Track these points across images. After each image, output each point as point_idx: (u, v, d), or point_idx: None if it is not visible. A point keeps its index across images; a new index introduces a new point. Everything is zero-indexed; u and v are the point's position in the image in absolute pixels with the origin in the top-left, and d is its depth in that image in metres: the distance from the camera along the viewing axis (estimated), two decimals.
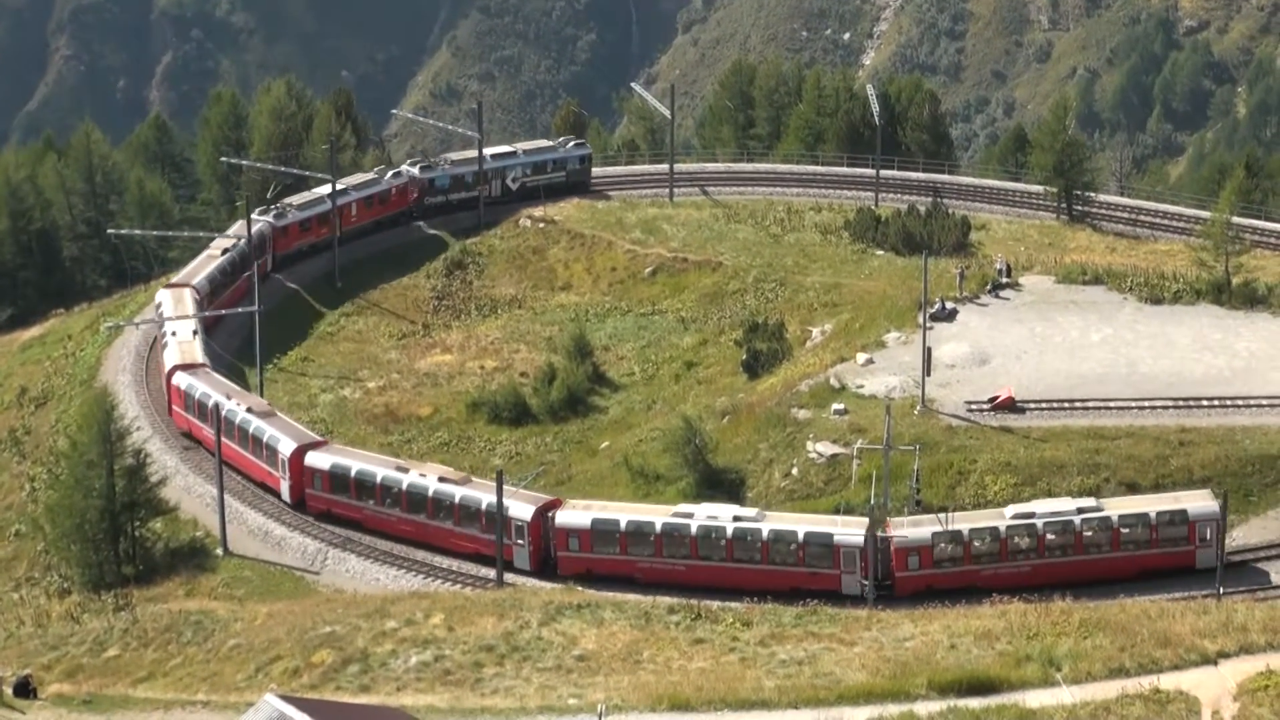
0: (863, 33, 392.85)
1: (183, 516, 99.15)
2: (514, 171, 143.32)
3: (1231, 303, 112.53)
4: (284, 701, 51.99)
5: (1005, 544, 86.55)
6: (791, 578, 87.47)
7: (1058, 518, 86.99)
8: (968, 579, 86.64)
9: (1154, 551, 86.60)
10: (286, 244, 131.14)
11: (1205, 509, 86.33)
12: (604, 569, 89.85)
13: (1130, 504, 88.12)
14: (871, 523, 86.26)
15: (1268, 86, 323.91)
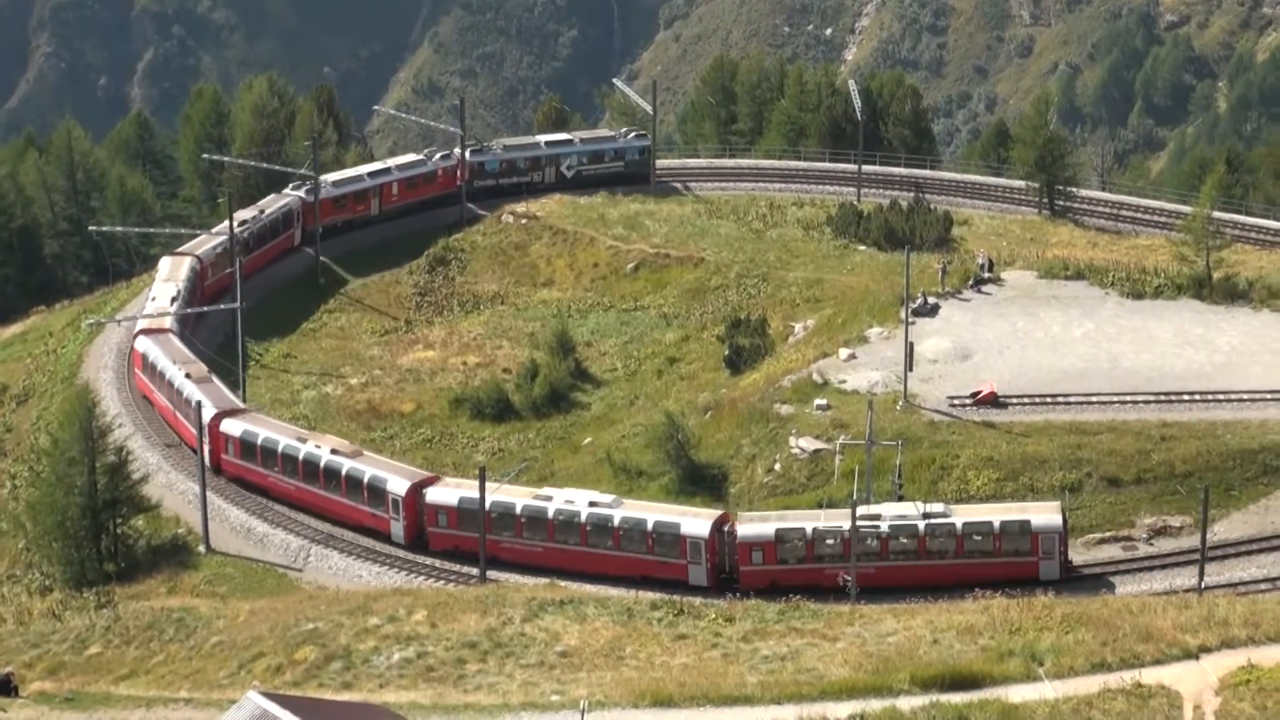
0: (844, 28, 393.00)
1: (165, 514, 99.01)
2: (569, 159, 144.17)
3: (1212, 298, 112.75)
4: (266, 699, 51.85)
5: (849, 544, 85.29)
6: (642, 565, 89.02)
7: (902, 521, 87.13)
8: (812, 577, 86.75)
9: (997, 560, 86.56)
10: (321, 215, 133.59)
11: (1049, 521, 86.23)
12: (469, 546, 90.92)
13: (977, 512, 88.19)
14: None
15: (1248, 81, 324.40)
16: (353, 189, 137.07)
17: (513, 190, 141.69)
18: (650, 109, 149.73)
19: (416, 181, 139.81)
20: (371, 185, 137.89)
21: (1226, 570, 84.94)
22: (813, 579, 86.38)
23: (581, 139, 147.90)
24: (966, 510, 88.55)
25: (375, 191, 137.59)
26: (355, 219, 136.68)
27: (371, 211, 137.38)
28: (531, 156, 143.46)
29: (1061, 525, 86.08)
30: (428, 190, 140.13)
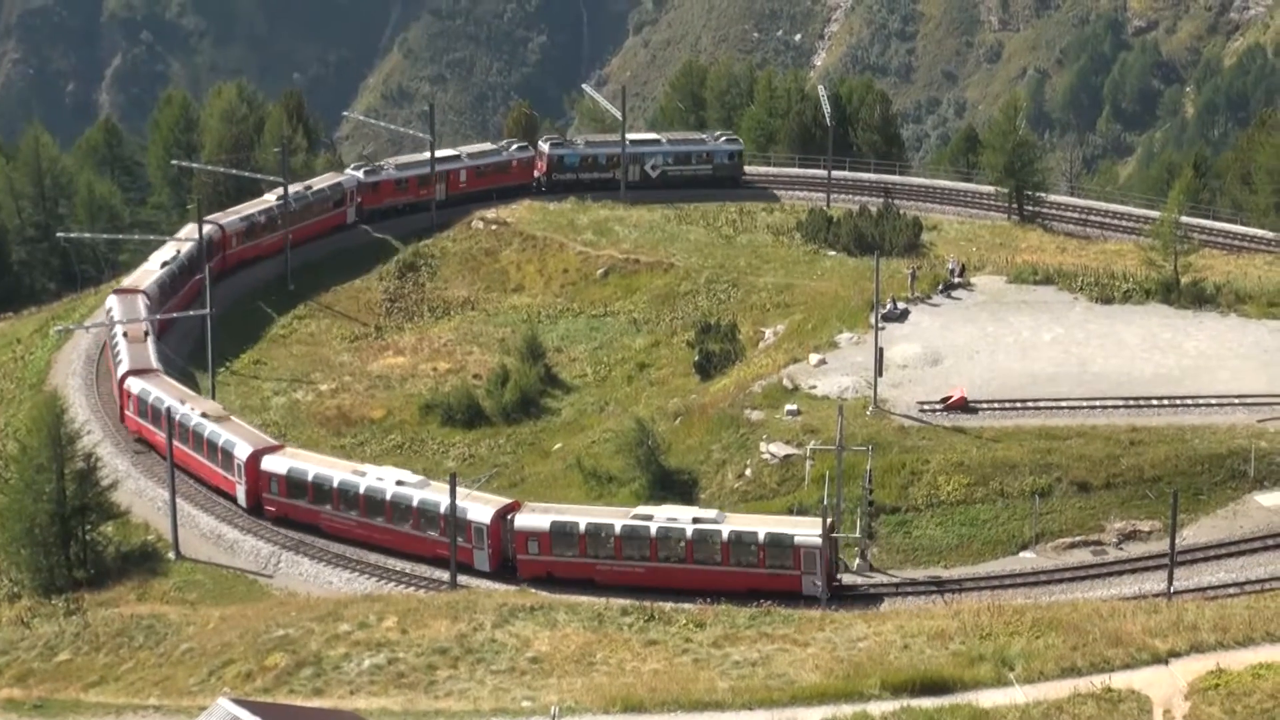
0: (814, 34, 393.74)
1: (134, 520, 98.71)
2: (655, 159, 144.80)
3: (1180, 302, 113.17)
4: (237, 705, 51.78)
5: (620, 543, 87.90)
6: (432, 546, 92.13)
7: (671, 525, 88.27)
8: (584, 571, 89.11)
9: (761, 572, 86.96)
10: (375, 200, 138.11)
11: (810, 538, 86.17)
12: (299, 516, 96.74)
13: (746, 522, 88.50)
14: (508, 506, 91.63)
15: (1215, 86, 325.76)
16: (417, 173, 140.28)
17: (592, 186, 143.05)
18: (620, 114, 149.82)
19: (488, 170, 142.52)
20: (438, 170, 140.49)
21: (1195, 575, 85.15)
22: (586, 573, 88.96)
23: (669, 139, 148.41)
24: (737, 520, 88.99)
25: (442, 177, 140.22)
26: (418, 202, 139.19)
27: (437, 196, 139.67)
28: (614, 154, 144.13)
29: (822, 542, 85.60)
30: (501, 180, 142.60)
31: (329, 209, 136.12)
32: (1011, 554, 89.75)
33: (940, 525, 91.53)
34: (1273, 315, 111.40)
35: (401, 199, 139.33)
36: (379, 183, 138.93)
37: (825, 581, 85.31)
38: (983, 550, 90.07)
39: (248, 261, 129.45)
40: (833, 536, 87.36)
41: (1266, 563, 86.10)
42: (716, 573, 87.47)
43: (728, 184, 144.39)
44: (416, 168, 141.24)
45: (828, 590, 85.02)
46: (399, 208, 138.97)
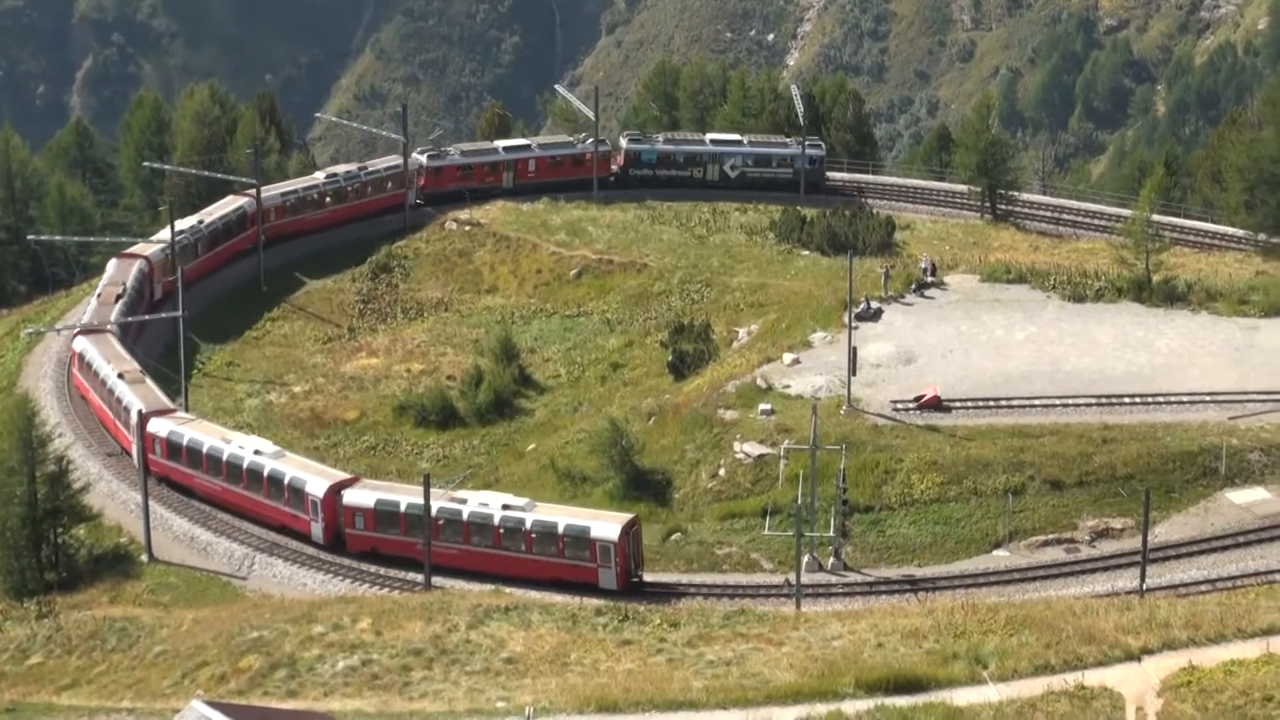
0: (786, 34, 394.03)
1: (106, 523, 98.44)
2: (734, 160, 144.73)
3: (1152, 300, 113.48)
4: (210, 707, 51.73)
5: (436, 525, 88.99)
6: (281, 516, 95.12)
7: (481, 510, 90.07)
8: (406, 549, 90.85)
9: (562, 562, 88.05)
10: (438, 183, 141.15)
11: (607, 532, 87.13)
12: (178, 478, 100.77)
13: (550, 513, 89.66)
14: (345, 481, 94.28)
15: (1186, 84, 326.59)
16: (484, 159, 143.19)
17: (669, 184, 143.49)
18: (592, 115, 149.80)
19: (562, 161, 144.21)
20: (506, 158, 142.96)
21: (1167, 572, 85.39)
22: (408, 551, 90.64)
23: (751, 140, 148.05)
24: (543, 510, 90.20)
25: (510, 165, 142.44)
26: (482, 188, 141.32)
27: (504, 184, 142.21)
28: (693, 152, 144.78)
29: (619, 537, 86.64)
30: (574, 172, 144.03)
31: (386, 190, 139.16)
32: (985, 552, 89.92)
33: (914, 524, 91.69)
34: (1243, 313, 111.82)
35: (465, 184, 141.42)
36: (442, 167, 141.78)
37: (619, 576, 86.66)
38: (956, 549, 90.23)
39: (289, 236, 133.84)
40: (634, 533, 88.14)
41: (1238, 560, 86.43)
42: (522, 560, 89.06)
43: (809, 190, 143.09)
44: (482, 154, 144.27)
45: (620, 584, 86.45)
46: (463, 192, 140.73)
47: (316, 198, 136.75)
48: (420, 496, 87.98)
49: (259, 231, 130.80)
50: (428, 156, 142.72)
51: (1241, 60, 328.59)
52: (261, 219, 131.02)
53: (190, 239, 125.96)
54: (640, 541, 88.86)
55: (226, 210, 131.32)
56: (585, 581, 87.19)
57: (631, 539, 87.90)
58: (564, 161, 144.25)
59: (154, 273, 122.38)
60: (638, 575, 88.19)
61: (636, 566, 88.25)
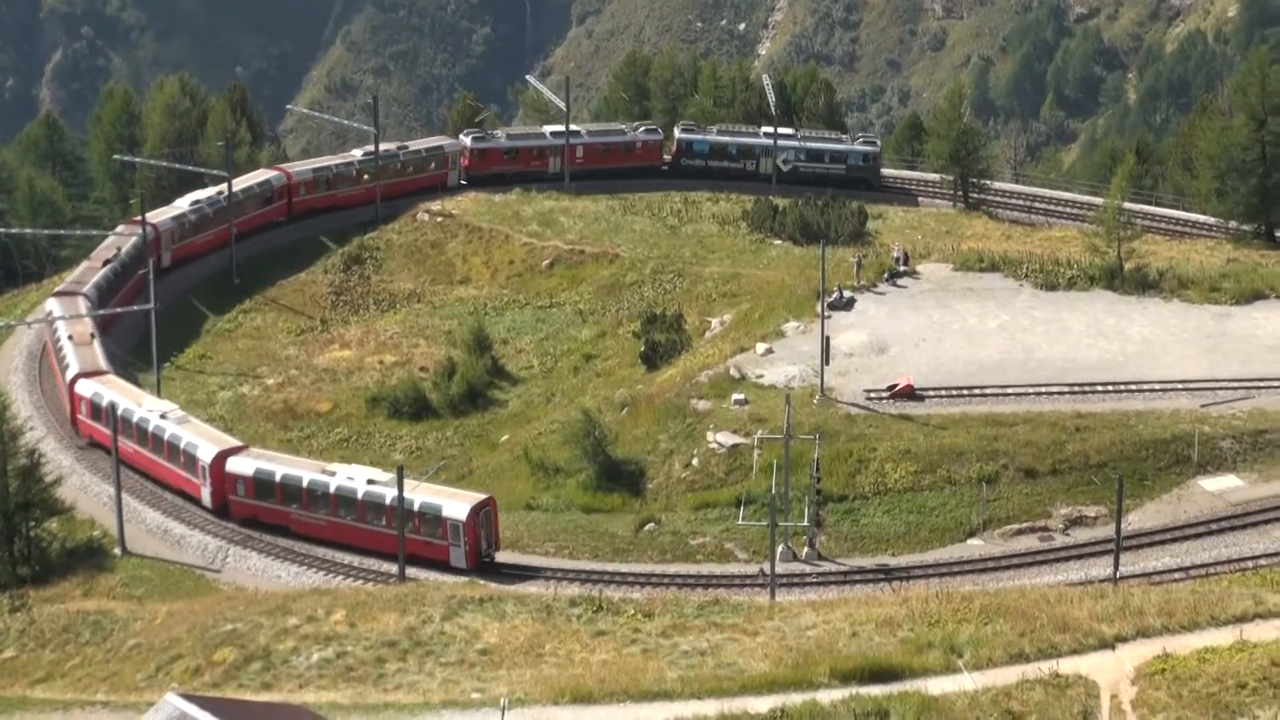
0: (758, 23, 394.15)
1: (79, 516, 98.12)
2: (786, 154, 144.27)
3: (1124, 288, 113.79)
4: (185, 700, 51.55)
5: (307, 496, 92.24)
6: (178, 479, 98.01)
7: (347, 484, 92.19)
8: (281, 518, 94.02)
9: (418, 538, 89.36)
10: (481, 165, 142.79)
11: (456, 512, 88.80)
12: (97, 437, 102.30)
13: (410, 489, 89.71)
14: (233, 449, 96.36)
15: (1157, 72, 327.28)
16: (530, 143, 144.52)
17: (721, 175, 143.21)
18: (564, 105, 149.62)
19: (612, 149, 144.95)
20: (553, 143, 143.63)
21: (1141, 560, 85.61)
22: (282, 520, 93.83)
23: (804, 135, 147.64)
24: (407, 487, 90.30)
25: (557, 150, 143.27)
26: (528, 172, 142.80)
27: (549, 169, 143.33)
28: (745, 144, 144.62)
29: (468, 517, 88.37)
30: (624, 160, 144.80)
31: (429, 169, 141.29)
32: (959, 541, 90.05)
33: (888, 513, 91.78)
34: (1215, 300, 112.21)
35: (510, 167, 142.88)
36: (487, 149, 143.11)
37: (469, 554, 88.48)
38: (930, 538, 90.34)
39: (319, 211, 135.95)
40: (486, 513, 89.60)
41: (1211, 547, 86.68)
42: (383, 534, 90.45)
43: (861, 186, 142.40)
44: (529, 138, 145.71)
45: (470, 563, 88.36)
46: (507, 175, 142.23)
47: (353, 174, 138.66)
48: (296, 467, 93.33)
49: (288, 207, 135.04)
50: (472, 138, 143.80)
51: (1212, 48, 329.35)
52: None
53: (208, 209, 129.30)
54: (494, 522, 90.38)
55: (251, 183, 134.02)
56: (438, 559, 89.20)
57: (482, 519, 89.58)
58: (614, 149, 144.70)
59: (160, 240, 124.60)
60: (490, 555, 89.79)
61: (489, 546, 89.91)
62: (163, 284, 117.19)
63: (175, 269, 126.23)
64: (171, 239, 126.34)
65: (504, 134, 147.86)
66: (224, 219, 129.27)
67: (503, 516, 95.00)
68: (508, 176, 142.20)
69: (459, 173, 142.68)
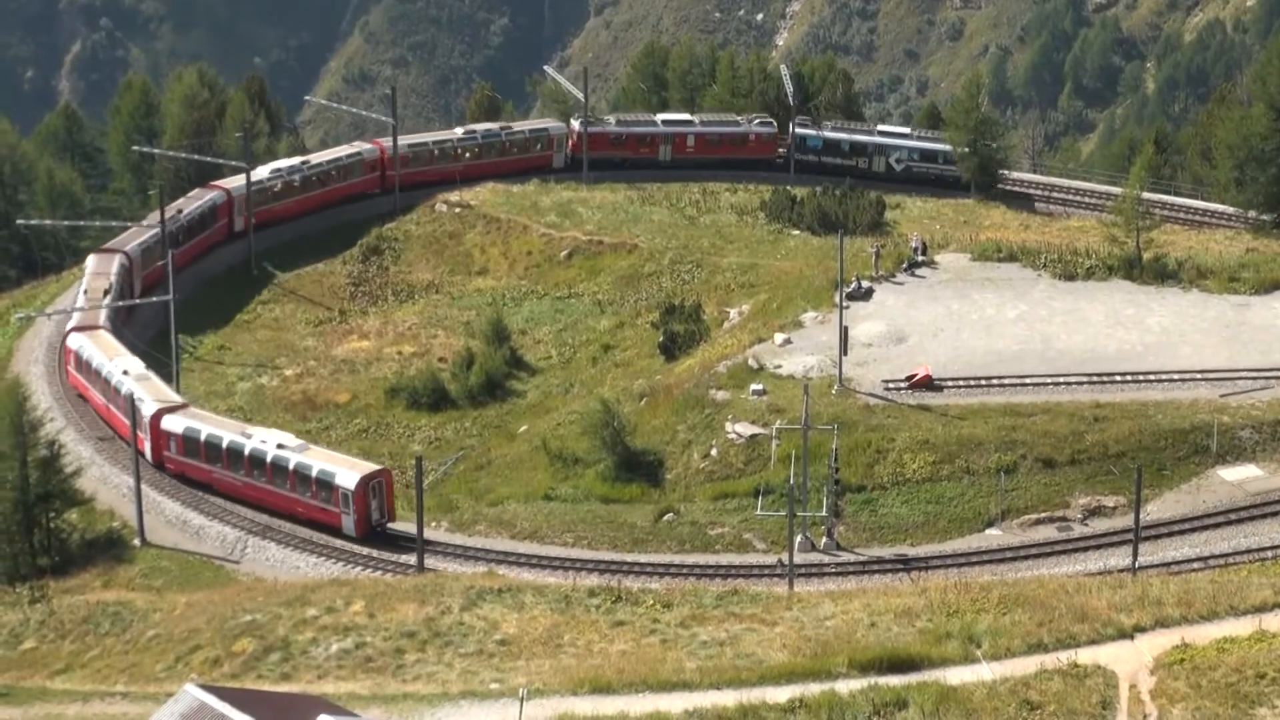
0: (775, 13, 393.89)
1: (99, 507, 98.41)
2: (899, 153, 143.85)
3: (1143, 278, 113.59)
4: (204, 691, 51.60)
5: (226, 456, 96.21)
6: (125, 431, 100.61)
7: (260, 446, 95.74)
8: (206, 477, 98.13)
9: (315, 504, 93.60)
10: (589, 149, 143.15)
11: (348, 480, 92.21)
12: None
13: (311, 455, 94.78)
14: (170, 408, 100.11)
15: (1175, 62, 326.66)
16: (641, 130, 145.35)
17: (834, 171, 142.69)
18: (582, 96, 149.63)
19: (724, 139, 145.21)
20: (664, 131, 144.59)
21: (1159, 550, 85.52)
22: (207, 479, 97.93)
23: (919, 134, 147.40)
24: (310, 453, 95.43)
25: (668, 139, 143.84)
26: (636, 159, 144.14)
27: (660, 157, 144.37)
28: (859, 142, 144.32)
29: (357, 486, 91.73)
30: (735, 152, 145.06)
31: (533, 150, 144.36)
32: (977, 531, 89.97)
33: (906, 503, 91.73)
34: (1234, 290, 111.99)
35: (617, 153, 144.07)
36: (593, 134, 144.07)
37: (358, 523, 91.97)
38: (949, 528, 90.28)
39: (413, 186, 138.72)
40: (377, 484, 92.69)
41: (1229, 537, 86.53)
42: (287, 497, 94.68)
43: (978, 190, 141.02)
44: (640, 125, 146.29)
45: (359, 531, 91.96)
46: (615, 161, 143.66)
47: (452, 151, 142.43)
48: (219, 428, 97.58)
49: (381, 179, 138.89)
50: (580, 121, 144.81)
51: (1231, 37, 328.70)
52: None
53: (290, 176, 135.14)
54: (387, 493, 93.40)
55: (341, 154, 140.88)
56: (332, 525, 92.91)
57: (372, 490, 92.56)
58: (725, 140, 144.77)
59: (233, 205, 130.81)
60: (381, 525, 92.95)
61: (382, 516, 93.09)
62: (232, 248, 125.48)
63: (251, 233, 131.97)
64: (247, 205, 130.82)
65: (614, 119, 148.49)
66: (310, 187, 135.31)
67: (521, 507, 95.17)
68: (615, 162, 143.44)
69: (565, 155, 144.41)
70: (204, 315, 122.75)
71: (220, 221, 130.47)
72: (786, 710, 58.80)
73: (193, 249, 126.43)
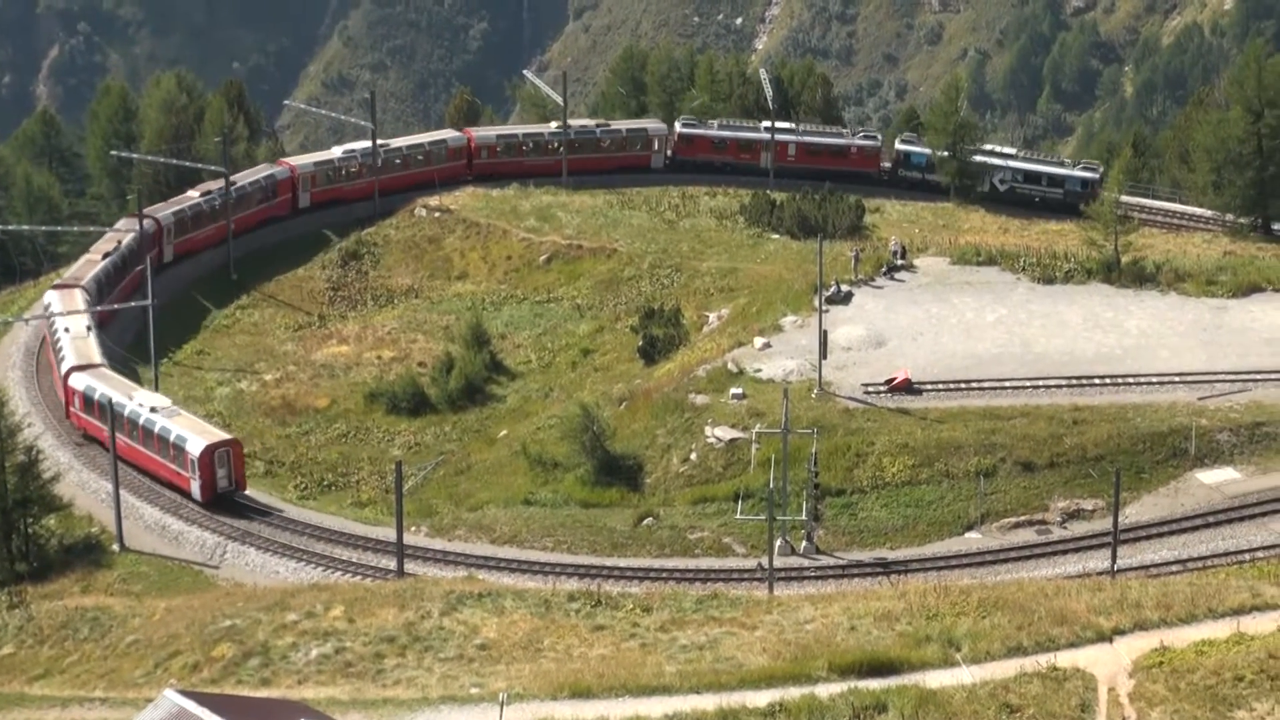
0: (754, 17, 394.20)
1: (77, 513, 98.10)
2: (1003, 173, 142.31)
3: (1121, 281, 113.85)
4: (184, 696, 51.51)
5: (113, 416, 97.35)
6: (58, 388, 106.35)
7: (137, 408, 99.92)
8: (99, 434, 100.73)
9: (173, 467, 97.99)
10: (690, 151, 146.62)
11: (194, 446, 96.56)
12: None
13: (177, 422, 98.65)
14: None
15: (1153, 65, 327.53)
16: (743, 135, 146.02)
17: (936, 189, 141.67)
18: (561, 100, 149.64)
19: (825, 150, 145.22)
20: (766, 139, 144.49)
21: (1138, 553, 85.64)
22: (100, 436, 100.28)
23: (1024, 156, 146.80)
24: (176, 419, 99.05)
25: (769, 146, 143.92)
26: (736, 164, 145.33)
27: (760, 163, 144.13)
28: (964, 163, 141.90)
29: (202, 453, 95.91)
30: (836, 163, 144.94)
31: (634, 149, 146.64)
32: (957, 534, 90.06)
33: (885, 507, 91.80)
34: (1212, 293, 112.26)
35: (717, 157, 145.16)
36: (695, 136, 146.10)
37: (203, 488, 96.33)
38: (928, 531, 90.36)
39: (500, 176, 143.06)
40: (224, 453, 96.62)
41: (1208, 540, 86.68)
42: (154, 459, 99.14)
43: (1076, 212, 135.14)
44: (742, 130, 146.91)
45: (204, 496, 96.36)
46: (715, 165, 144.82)
47: (544, 144, 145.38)
48: (113, 388, 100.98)
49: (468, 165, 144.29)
50: (683, 123, 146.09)
51: (1208, 40, 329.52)
52: None
53: (360, 157, 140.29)
54: (235, 463, 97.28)
55: (424, 140, 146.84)
56: (183, 488, 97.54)
57: (218, 458, 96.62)
58: (827, 151, 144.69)
59: (297, 182, 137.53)
60: (229, 492, 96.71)
61: (230, 484, 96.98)
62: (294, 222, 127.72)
63: (312, 210, 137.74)
64: (311, 182, 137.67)
65: (717, 123, 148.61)
66: (391, 170, 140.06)
67: (501, 512, 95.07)
68: (715, 166, 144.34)
69: (664, 156, 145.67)
70: (183, 319, 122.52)
71: (282, 196, 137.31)
72: (766, 714, 58.89)
73: (252, 216, 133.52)
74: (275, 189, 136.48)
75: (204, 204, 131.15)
